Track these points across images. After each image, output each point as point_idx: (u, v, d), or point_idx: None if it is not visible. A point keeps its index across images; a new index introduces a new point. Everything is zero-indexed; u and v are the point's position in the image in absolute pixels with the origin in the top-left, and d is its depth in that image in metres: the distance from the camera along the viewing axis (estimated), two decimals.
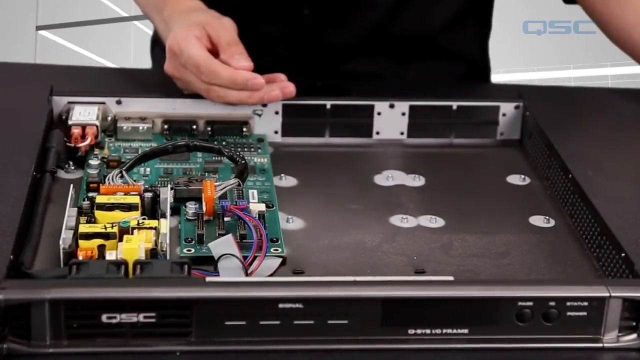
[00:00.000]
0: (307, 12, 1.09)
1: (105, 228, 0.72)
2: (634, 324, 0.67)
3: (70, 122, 0.91)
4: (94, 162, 0.85)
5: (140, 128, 0.93)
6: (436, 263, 0.77)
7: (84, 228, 0.72)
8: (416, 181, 0.90)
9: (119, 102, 0.94)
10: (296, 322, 0.65)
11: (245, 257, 0.73)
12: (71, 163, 0.88)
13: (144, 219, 0.74)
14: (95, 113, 0.92)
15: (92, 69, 1.14)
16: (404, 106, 0.97)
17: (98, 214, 0.75)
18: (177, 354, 0.65)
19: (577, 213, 0.82)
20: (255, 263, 0.73)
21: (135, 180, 0.82)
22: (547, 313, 0.66)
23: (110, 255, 0.69)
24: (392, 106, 0.97)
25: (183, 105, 0.95)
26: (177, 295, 0.64)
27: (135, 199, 0.76)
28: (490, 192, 0.90)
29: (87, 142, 0.89)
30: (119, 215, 0.75)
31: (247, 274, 0.72)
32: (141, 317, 0.64)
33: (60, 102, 0.94)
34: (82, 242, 0.71)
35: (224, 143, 0.93)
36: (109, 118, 0.94)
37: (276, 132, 0.97)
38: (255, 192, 0.85)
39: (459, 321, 0.67)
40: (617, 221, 0.77)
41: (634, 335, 0.68)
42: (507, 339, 0.67)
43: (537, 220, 0.84)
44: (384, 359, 0.66)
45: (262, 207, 0.81)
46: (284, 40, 1.12)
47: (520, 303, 0.66)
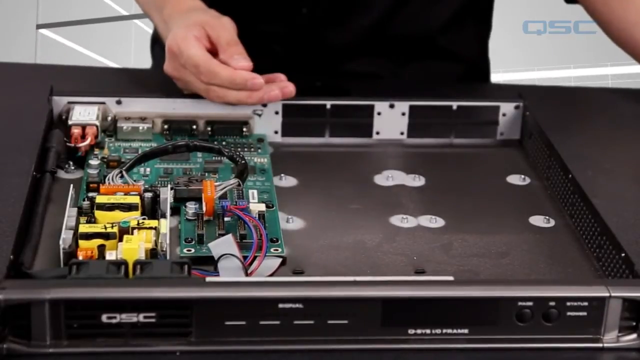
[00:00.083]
0: (306, 12, 1.09)
1: (105, 228, 0.72)
2: (634, 324, 0.67)
3: (70, 122, 0.91)
4: (94, 162, 0.85)
5: (140, 128, 0.93)
6: (436, 263, 0.77)
7: (84, 228, 0.72)
8: (416, 181, 0.90)
9: (119, 102, 0.94)
10: (296, 322, 0.65)
11: (245, 257, 0.73)
12: (71, 163, 0.88)
13: (144, 219, 0.74)
14: (95, 113, 0.92)
15: (92, 69, 1.14)
16: (404, 106, 0.97)
17: (98, 214, 0.75)
18: (177, 354, 0.65)
19: (577, 213, 0.82)
20: (255, 263, 0.73)
21: (135, 180, 0.82)
22: (547, 313, 0.66)
23: (110, 255, 0.69)
24: (392, 106, 0.97)
25: (183, 105, 0.95)
26: (177, 295, 0.64)
27: (135, 199, 0.76)
28: (490, 192, 0.89)
29: (87, 142, 0.89)
30: (119, 215, 0.75)
31: (247, 274, 0.72)
32: (141, 317, 0.64)
33: (60, 102, 0.94)
34: (82, 242, 0.71)
35: (224, 143, 0.93)
36: (109, 118, 0.94)
37: (276, 132, 0.97)
38: (255, 192, 0.85)
39: (459, 321, 0.66)
40: (617, 221, 0.77)
41: (634, 335, 0.68)
42: (507, 339, 0.67)
43: (537, 220, 0.84)
44: (384, 359, 0.66)
45: (262, 207, 0.81)
46: (283, 39, 1.12)
47: (520, 303, 0.66)
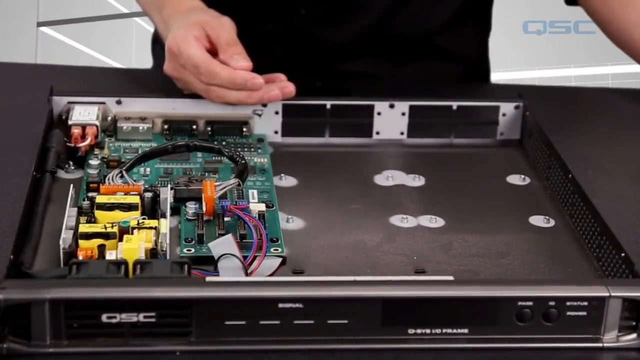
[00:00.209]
0: (304, 12, 1.09)
1: (105, 228, 0.72)
2: (634, 323, 0.67)
3: (70, 122, 0.91)
4: (94, 162, 0.85)
5: (140, 128, 0.93)
6: (436, 263, 0.77)
7: (84, 228, 0.72)
8: (416, 181, 0.90)
9: (119, 102, 0.94)
10: (296, 322, 0.65)
11: (245, 257, 0.73)
12: (71, 163, 0.88)
13: (144, 219, 0.74)
14: (95, 113, 0.92)
15: (92, 69, 1.14)
16: (404, 106, 0.97)
17: (98, 214, 0.75)
18: (177, 354, 0.65)
19: (577, 213, 0.82)
20: (255, 263, 0.73)
21: (135, 180, 0.82)
22: (547, 313, 0.66)
23: (110, 255, 0.69)
24: (392, 106, 0.97)
25: (183, 105, 0.95)
26: (177, 295, 0.64)
27: (135, 199, 0.76)
28: (490, 192, 0.89)
29: (87, 142, 0.89)
30: (119, 215, 0.75)
31: (247, 274, 0.72)
32: (141, 317, 0.64)
33: (60, 102, 0.94)
34: (82, 242, 0.71)
35: (224, 143, 0.93)
36: (109, 118, 0.94)
37: (276, 132, 0.97)
38: (255, 192, 0.85)
39: (459, 321, 0.66)
40: (617, 221, 0.77)
41: (633, 335, 0.68)
42: (507, 338, 0.67)
43: (537, 220, 0.84)
44: (384, 358, 0.66)
45: (262, 207, 0.81)
46: (282, 39, 1.11)
47: (520, 303, 0.66)
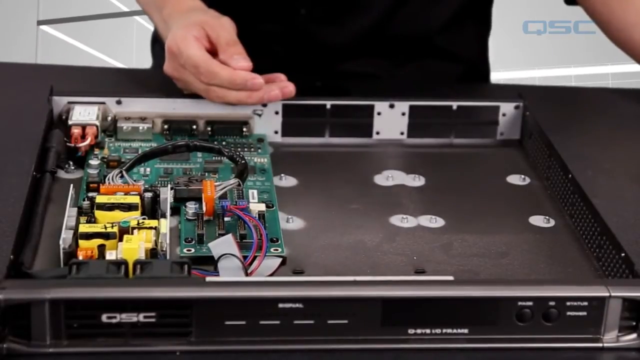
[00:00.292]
0: (304, 12, 1.09)
1: (105, 228, 0.72)
2: (634, 323, 0.67)
3: (70, 122, 0.91)
4: (94, 162, 0.85)
5: (140, 128, 0.93)
6: (436, 263, 0.77)
7: (84, 228, 0.72)
8: (416, 181, 0.90)
9: (119, 102, 0.94)
10: (296, 322, 0.65)
11: (245, 257, 0.73)
12: (71, 163, 0.88)
13: (144, 219, 0.74)
14: (95, 113, 0.92)
15: (92, 69, 1.14)
16: (404, 106, 0.97)
17: (98, 214, 0.75)
18: (177, 354, 0.65)
19: (577, 213, 0.82)
20: (255, 263, 0.73)
21: (135, 180, 0.82)
22: (547, 313, 0.66)
23: (110, 255, 0.69)
24: (392, 106, 0.97)
25: (183, 105, 0.95)
26: (177, 295, 0.64)
27: (135, 199, 0.76)
28: (490, 192, 0.89)
29: (87, 142, 0.89)
30: (119, 215, 0.75)
31: (247, 274, 0.72)
32: (141, 317, 0.64)
33: (60, 102, 0.94)
34: (82, 242, 0.71)
35: (224, 143, 0.93)
36: (109, 118, 0.94)
37: (276, 132, 0.97)
38: (255, 192, 0.85)
39: (459, 321, 0.66)
40: (617, 221, 0.77)
41: (634, 335, 0.68)
42: (507, 338, 0.67)
43: (537, 220, 0.84)
44: (384, 358, 0.66)
45: (262, 207, 0.81)
46: (281, 39, 1.11)
47: (520, 303, 0.66)
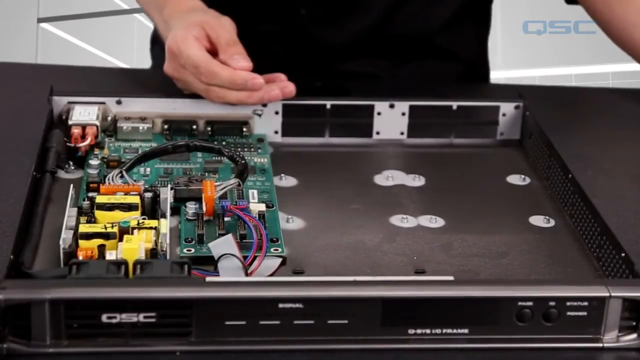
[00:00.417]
0: (304, 12, 1.09)
1: (105, 228, 0.72)
2: (634, 324, 0.67)
3: (70, 122, 0.91)
4: (94, 162, 0.85)
5: (140, 128, 0.93)
6: (436, 263, 0.77)
7: (84, 228, 0.72)
8: (416, 181, 0.90)
9: (119, 102, 0.94)
10: (296, 322, 0.65)
11: (245, 257, 0.73)
12: (71, 163, 0.88)
13: (144, 219, 0.74)
14: (95, 113, 0.92)
15: (93, 69, 1.14)
16: (404, 106, 0.97)
17: (98, 214, 0.75)
18: (177, 354, 0.65)
19: (577, 213, 0.82)
20: (255, 263, 0.73)
21: (135, 180, 0.82)
22: (547, 313, 0.66)
23: (110, 255, 0.69)
24: (392, 106, 0.97)
25: (183, 105, 0.95)
26: (177, 295, 0.64)
27: (135, 199, 0.76)
28: (490, 192, 0.89)
29: (87, 142, 0.89)
30: (119, 215, 0.75)
31: (247, 274, 0.72)
32: (141, 317, 0.64)
33: (60, 102, 0.94)
34: (82, 242, 0.71)
35: (224, 143, 0.93)
36: (109, 118, 0.94)
37: (276, 132, 0.97)
38: (255, 192, 0.85)
39: (459, 321, 0.66)
40: (617, 221, 0.77)
41: (634, 335, 0.68)
42: (507, 339, 0.67)
43: (537, 220, 0.84)
44: (384, 359, 0.66)
45: (262, 207, 0.81)
46: (281, 39, 1.12)
47: (520, 303, 0.66)
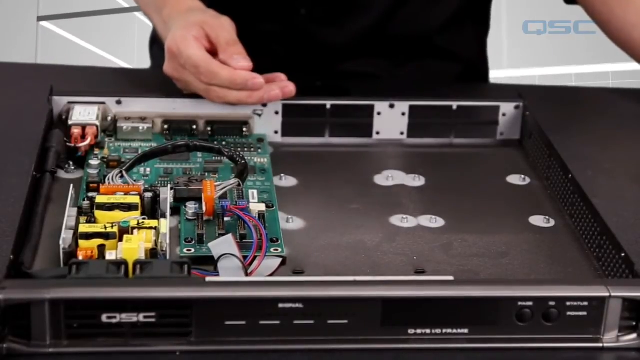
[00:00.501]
0: (304, 12, 1.09)
1: (105, 228, 0.72)
2: (634, 323, 0.67)
3: (70, 122, 0.91)
4: (94, 162, 0.85)
5: (140, 128, 0.93)
6: (436, 263, 0.77)
7: (84, 228, 0.72)
8: (416, 181, 0.90)
9: (119, 102, 0.94)
10: (296, 322, 0.65)
11: (245, 257, 0.73)
12: (71, 163, 0.88)
13: (144, 219, 0.74)
14: (95, 113, 0.92)
15: (93, 69, 1.14)
16: (404, 106, 0.97)
17: (98, 214, 0.75)
18: (177, 354, 0.65)
19: (577, 213, 0.82)
20: (255, 263, 0.73)
21: (135, 180, 0.82)
22: (547, 313, 0.66)
23: (110, 255, 0.69)
24: (392, 106, 0.97)
25: (183, 105, 0.95)
26: (177, 295, 0.64)
27: (135, 199, 0.76)
28: (490, 192, 0.89)
29: (87, 142, 0.89)
30: (119, 215, 0.75)
31: (247, 274, 0.72)
32: (141, 317, 0.64)
33: (60, 102, 0.94)
34: (82, 242, 0.71)
35: (224, 143, 0.93)
36: (109, 118, 0.94)
37: (276, 132, 0.97)
38: (255, 192, 0.85)
39: (459, 321, 0.66)
40: (617, 221, 0.77)
41: (634, 335, 0.68)
42: (507, 339, 0.67)
43: (537, 220, 0.84)
44: (384, 359, 0.66)
45: (262, 207, 0.81)
46: (281, 39, 1.12)
47: (520, 303, 0.66)
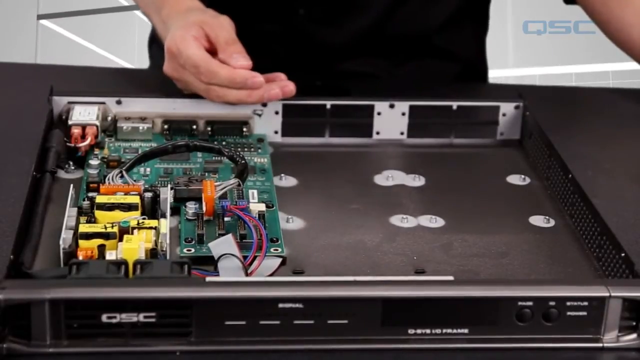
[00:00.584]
0: (303, 12, 1.09)
1: (105, 228, 0.72)
2: (634, 323, 0.67)
3: (70, 122, 0.91)
4: (94, 162, 0.85)
5: (140, 128, 0.93)
6: (436, 263, 0.77)
7: (84, 228, 0.72)
8: (416, 181, 0.90)
9: (119, 102, 0.94)
10: (296, 322, 0.65)
11: (245, 257, 0.73)
12: (71, 163, 0.88)
13: (144, 219, 0.74)
14: (95, 113, 0.92)
15: (93, 69, 1.14)
16: (404, 106, 0.97)
17: (98, 214, 0.75)
18: (177, 354, 0.65)
19: (577, 213, 0.82)
20: (255, 263, 0.73)
21: (135, 180, 0.82)
22: (547, 313, 0.66)
23: (110, 255, 0.69)
24: (392, 106, 0.97)
25: (183, 105, 0.95)
26: (177, 295, 0.64)
27: (135, 199, 0.76)
28: (490, 192, 0.89)
29: (87, 142, 0.89)
30: (119, 215, 0.75)
31: (247, 274, 0.72)
32: (141, 317, 0.64)
33: (60, 102, 0.94)
34: (82, 242, 0.71)
35: (224, 143, 0.93)
36: (109, 118, 0.94)
37: (276, 132, 0.96)
38: (255, 192, 0.85)
39: (459, 321, 0.66)
40: (617, 221, 0.77)
41: (634, 335, 0.68)
42: (507, 338, 0.67)
43: (537, 220, 0.84)
44: (384, 359, 0.66)
45: (262, 207, 0.81)
46: (280, 39, 1.12)
47: (520, 303, 0.66)
